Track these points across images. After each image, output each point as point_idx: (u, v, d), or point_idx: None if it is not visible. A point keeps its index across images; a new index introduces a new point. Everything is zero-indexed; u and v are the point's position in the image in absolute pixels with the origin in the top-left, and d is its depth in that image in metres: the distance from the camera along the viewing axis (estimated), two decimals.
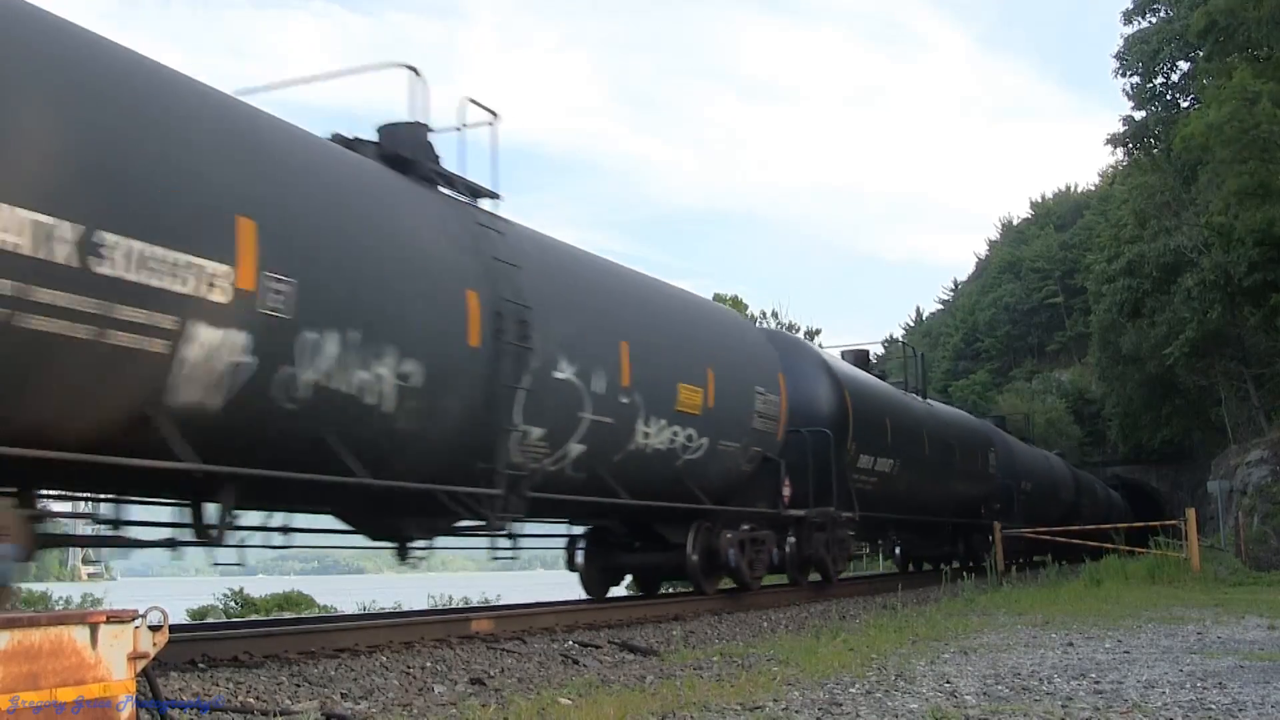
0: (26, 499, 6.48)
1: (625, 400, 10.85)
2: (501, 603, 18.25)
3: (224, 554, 7.73)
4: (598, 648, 8.92)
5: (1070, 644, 8.39)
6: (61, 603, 28.80)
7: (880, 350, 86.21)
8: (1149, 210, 37.27)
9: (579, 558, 13.46)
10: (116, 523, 7.84)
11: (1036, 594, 15.11)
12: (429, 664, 7.62)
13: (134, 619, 3.99)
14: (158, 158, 6.50)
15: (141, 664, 4.00)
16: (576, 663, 8.13)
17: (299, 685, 6.49)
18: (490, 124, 10.05)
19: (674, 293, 13.33)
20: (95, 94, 6.30)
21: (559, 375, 9.88)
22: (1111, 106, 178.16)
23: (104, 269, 6.00)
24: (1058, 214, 78.37)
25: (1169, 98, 38.66)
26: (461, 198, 9.82)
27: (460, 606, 18.39)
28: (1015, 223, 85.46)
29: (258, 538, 8.57)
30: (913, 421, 20.39)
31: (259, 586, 29.83)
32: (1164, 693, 5.73)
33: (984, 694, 5.74)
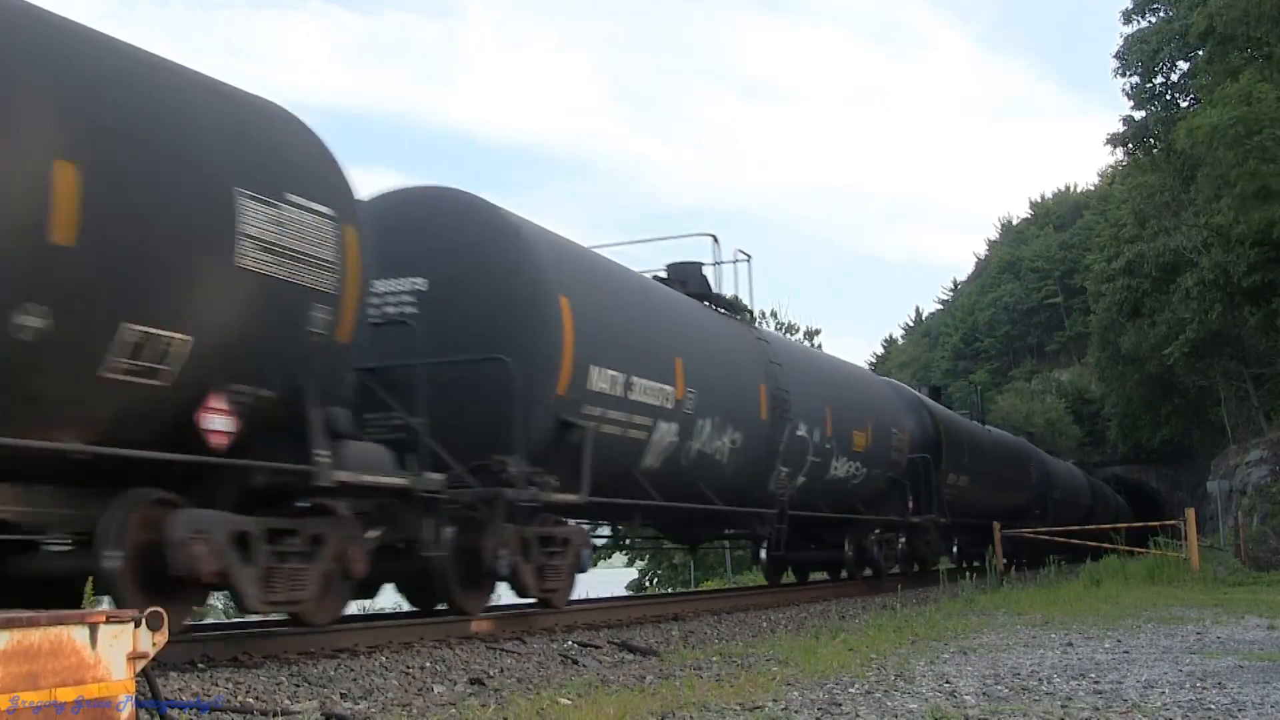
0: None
1: (828, 446, 16.10)
2: (501, 603, 18.22)
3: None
4: (597, 648, 8.92)
5: (1070, 644, 8.39)
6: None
7: (880, 350, 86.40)
8: (1148, 210, 37.23)
9: (762, 555, 18.33)
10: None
11: (1036, 594, 15.11)
12: (428, 664, 7.62)
13: (134, 619, 3.99)
14: (651, 335, 11.71)
15: (141, 664, 4.00)
16: (576, 663, 8.14)
17: (299, 685, 6.49)
18: (746, 261, 15.32)
19: (849, 368, 20.17)
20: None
21: (799, 433, 15.03)
22: (1111, 106, 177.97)
23: (633, 395, 10.93)
24: (1057, 214, 78.35)
25: (1169, 98, 38.62)
26: (737, 318, 15.10)
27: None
28: (1015, 223, 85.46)
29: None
30: (979, 444, 25.79)
31: None
32: (1163, 693, 5.73)
33: (983, 694, 5.74)
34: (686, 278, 14.17)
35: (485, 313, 9.54)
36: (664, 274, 14.37)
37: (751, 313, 16.77)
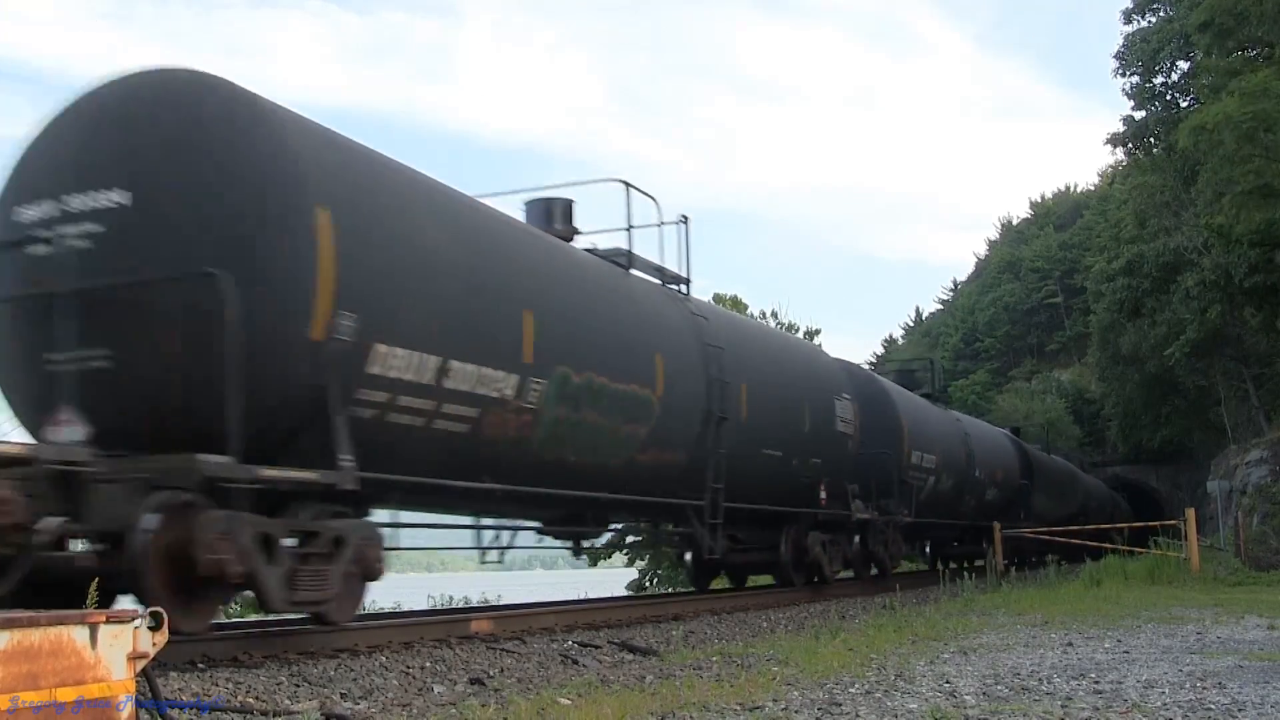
0: None
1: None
2: (501, 603, 18.24)
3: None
4: (597, 648, 8.92)
5: (1070, 644, 8.39)
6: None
7: (880, 350, 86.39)
8: (1149, 210, 37.26)
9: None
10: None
11: (1036, 594, 15.11)
12: (429, 664, 7.62)
13: (133, 619, 3.99)
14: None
15: (141, 664, 4.00)
16: (576, 663, 8.14)
17: (299, 685, 6.49)
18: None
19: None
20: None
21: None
22: (1110, 106, 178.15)
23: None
24: (1057, 214, 78.36)
25: (1169, 97, 38.63)
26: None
27: (460, 607, 18.34)
28: (1015, 223, 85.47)
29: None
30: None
31: None
32: (1163, 693, 5.73)
33: (983, 694, 5.74)
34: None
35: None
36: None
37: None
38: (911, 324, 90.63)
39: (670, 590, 30.16)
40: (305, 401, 7.20)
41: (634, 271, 12.15)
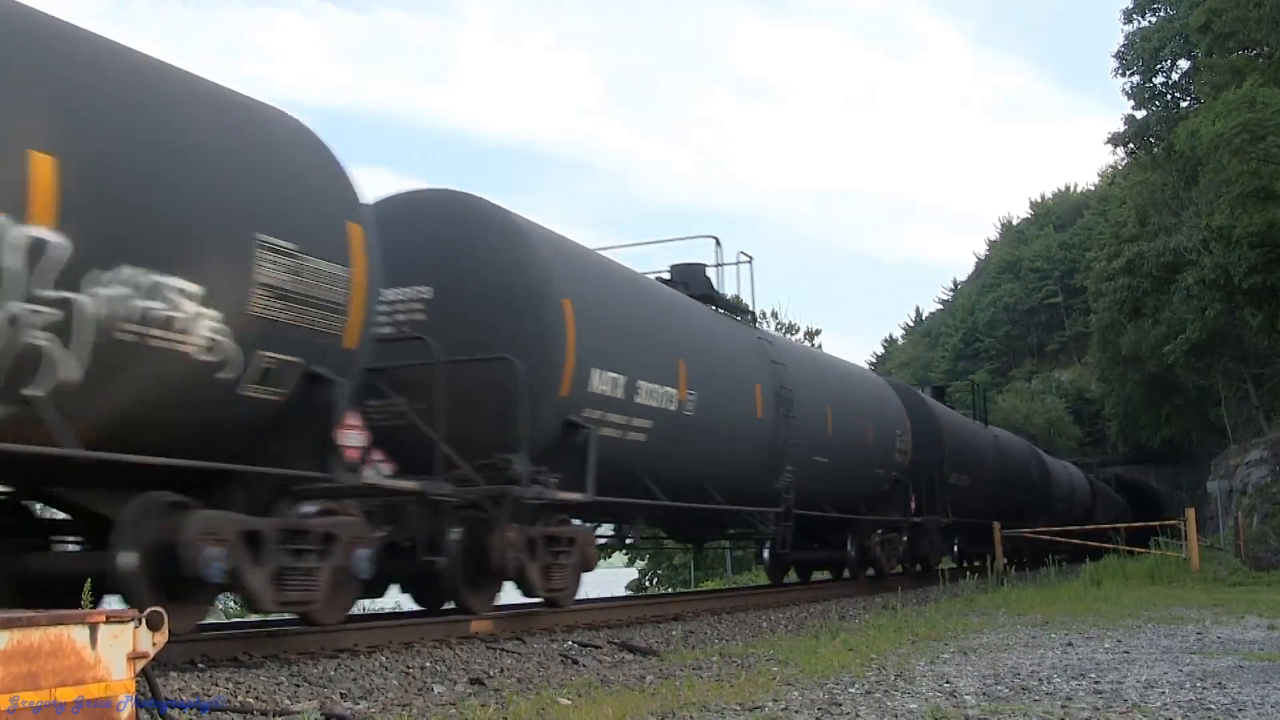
0: None
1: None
2: (501, 603, 18.21)
3: None
4: (597, 648, 8.92)
5: (1070, 644, 8.39)
6: None
7: (880, 350, 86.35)
8: (1149, 209, 37.21)
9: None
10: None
11: (1036, 594, 15.11)
12: (428, 664, 7.62)
13: (133, 619, 3.99)
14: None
15: (141, 664, 4.00)
16: (576, 663, 8.13)
17: (299, 685, 6.49)
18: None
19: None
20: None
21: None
22: (1110, 106, 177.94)
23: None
24: (1057, 214, 78.32)
25: (1170, 97, 38.62)
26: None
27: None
28: (1014, 223, 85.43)
29: None
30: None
31: None
32: (1163, 693, 5.73)
33: (983, 694, 5.74)
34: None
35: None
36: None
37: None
38: (911, 324, 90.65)
39: (670, 590, 30.19)
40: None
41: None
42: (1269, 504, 23.46)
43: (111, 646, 3.88)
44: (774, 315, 41.79)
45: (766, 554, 18.47)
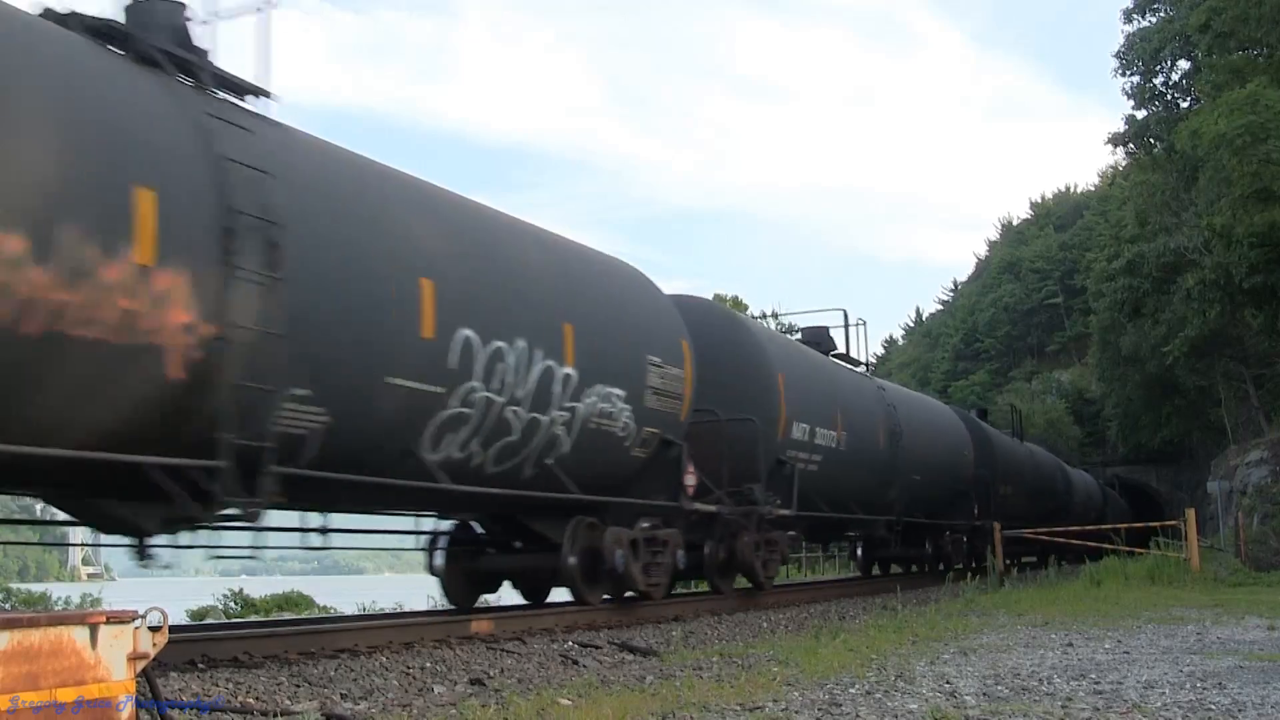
0: None
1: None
2: (501, 603, 18.22)
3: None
4: (597, 648, 8.92)
5: (1070, 644, 8.39)
6: (61, 603, 28.72)
7: (881, 350, 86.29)
8: (1149, 209, 37.19)
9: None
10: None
11: (1036, 594, 15.11)
12: (429, 664, 7.62)
13: (134, 619, 3.99)
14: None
15: (141, 664, 4.00)
16: (576, 663, 8.13)
17: (299, 685, 6.49)
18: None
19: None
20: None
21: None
22: (1110, 106, 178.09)
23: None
24: (1057, 214, 78.29)
25: (1170, 97, 38.59)
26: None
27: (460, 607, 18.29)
28: (1015, 223, 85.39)
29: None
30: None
31: (258, 587, 29.71)
32: (1164, 693, 5.73)
33: (984, 694, 5.74)
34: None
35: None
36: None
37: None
38: (911, 324, 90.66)
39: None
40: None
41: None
42: (1269, 504, 23.44)
43: (112, 647, 3.88)
44: (774, 315, 41.82)
45: (860, 551, 23.27)
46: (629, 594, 11.68)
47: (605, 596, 11.35)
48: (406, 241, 8.62)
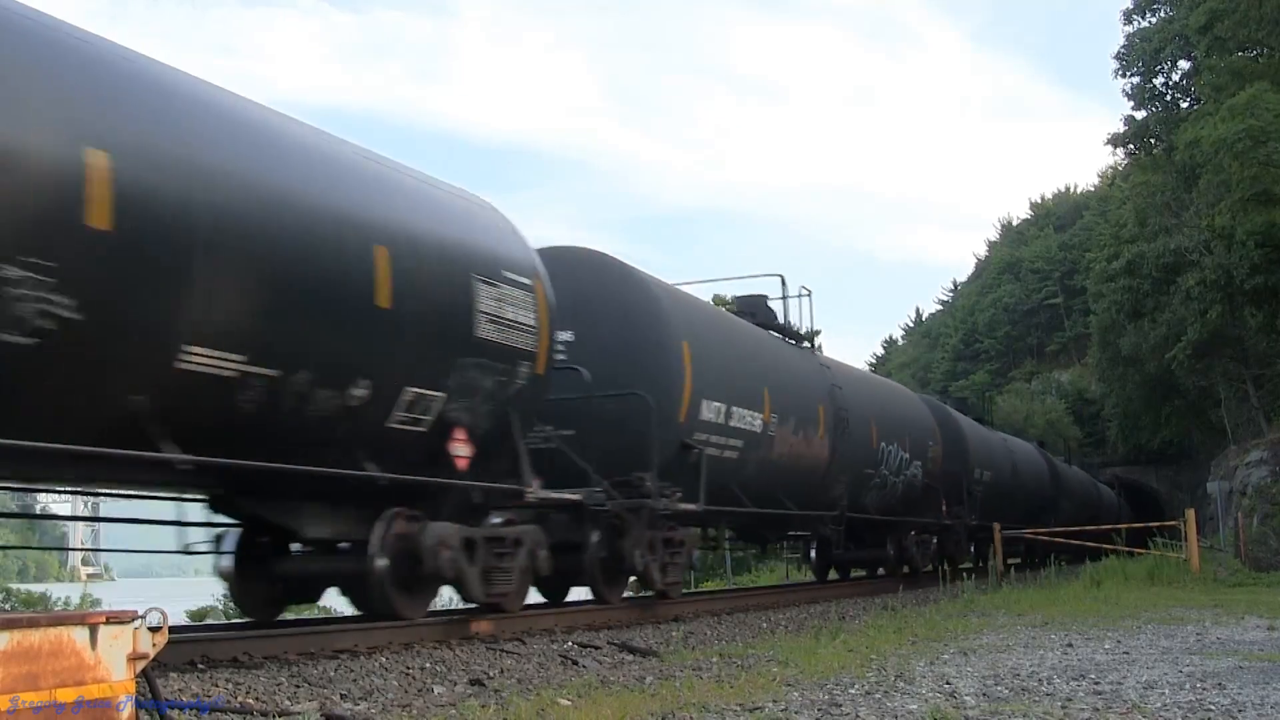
0: None
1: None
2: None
3: None
4: (597, 648, 8.92)
5: (1070, 645, 8.39)
6: (61, 603, 28.72)
7: (880, 351, 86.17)
8: (1149, 209, 37.18)
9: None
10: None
11: (1036, 595, 15.11)
12: (428, 665, 7.62)
13: (133, 620, 3.99)
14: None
15: (141, 664, 4.00)
16: (576, 663, 8.13)
17: (298, 686, 6.49)
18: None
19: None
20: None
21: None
22: (1110, 106, 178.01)
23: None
24: (1057, 214, 78.28)
25: (1169, 98, 38.59)
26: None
27: (460, 608, 18.32)
28: (1014, 223, 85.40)
29: None
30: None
31: None
32: (1163, 693, 5.73)
33: (983, 694, 5.74)
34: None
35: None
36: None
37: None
38: (911, 324, 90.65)
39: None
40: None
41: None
42: (1269, 505, 23.43)
43: (111, 647, 3.88)
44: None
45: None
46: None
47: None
48: (912, 408, 14.89)
